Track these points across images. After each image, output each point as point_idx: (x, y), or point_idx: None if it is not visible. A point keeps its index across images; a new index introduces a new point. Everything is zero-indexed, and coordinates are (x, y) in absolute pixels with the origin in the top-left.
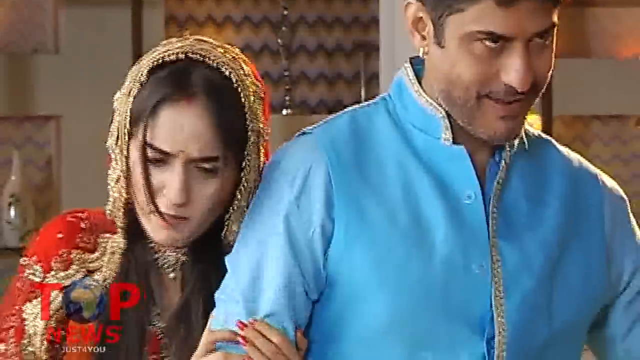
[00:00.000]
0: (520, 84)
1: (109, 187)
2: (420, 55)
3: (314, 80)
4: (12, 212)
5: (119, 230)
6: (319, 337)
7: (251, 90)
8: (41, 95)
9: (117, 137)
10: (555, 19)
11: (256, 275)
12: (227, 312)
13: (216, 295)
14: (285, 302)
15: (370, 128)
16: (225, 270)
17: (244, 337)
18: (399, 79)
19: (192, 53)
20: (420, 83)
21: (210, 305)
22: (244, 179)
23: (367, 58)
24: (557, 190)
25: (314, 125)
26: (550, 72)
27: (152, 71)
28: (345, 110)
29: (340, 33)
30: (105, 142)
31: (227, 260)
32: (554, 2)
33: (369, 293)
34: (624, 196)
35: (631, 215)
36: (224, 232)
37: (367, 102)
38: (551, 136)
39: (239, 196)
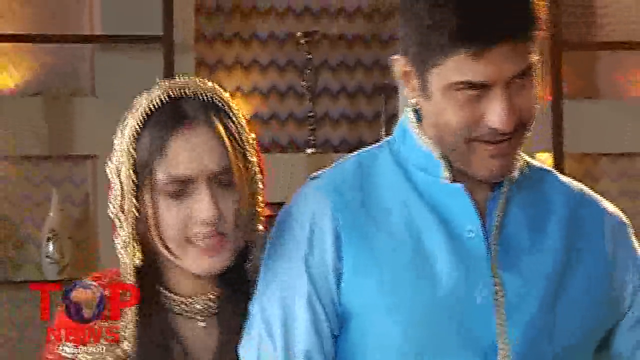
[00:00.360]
0: (503, 125)
1: (118, 255)
2: (412, 104)
3: (337, 120)
4: (51, 247)
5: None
6: None
7: (234, 106)
8: (78, 136)
9: (121, 200)
10: (533, 59)
11: (285, 317)
12: (260, 355)
13: (240, 347)
14: (316, 340)
15: (375, 169)
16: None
17: None
18: (402, 122)
19: (172, 90)
20: (421, 127)
21: None
22: (255, 185)
23: (388, 99)
24: (558, 217)
25: (322, 170)
26: (536, 107)
27: (144, 123)
28: (353, 153)
29: (362, 76)
30: None
31: (251, 305)
32: (525, 45)
33: (379, 321)
34: (625, 220)
35: (633, 237)
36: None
37: (373, 145)
38: (562, 172)
39: (257, 208)
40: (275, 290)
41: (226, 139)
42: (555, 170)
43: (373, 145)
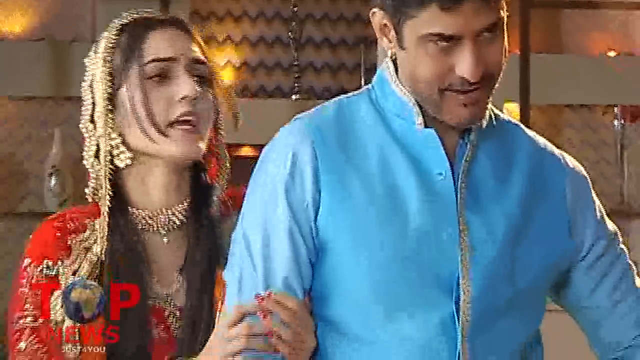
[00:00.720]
0: (471, 75)
1: (87, 166)
2: (389, 56)
3: (320, 69)
4: (53, 181)
5: (104, 201)
6: (314, 298)
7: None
8: (80, 79)
9: (92, 112)
10: (501, 14)
11: (266, 244)
12: (242, 285)
13: (225, 272)
14: (295, 269)
15: (354, 114)
16: (215, 231)
17: (264, 311)
18: (381, 72)
19: (145, 12)
20: (398, 76)
21: (212, 261)
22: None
23: (367, 50)
24: (522, 168)
25: (306, 112)
26: (504, 60)
27: (119, 33)
28: (335, 99)
29: (344, 28)
30: None
31: (233, 237)
32: (494, 1)
33: (351, 256)
34: (586, 175)
35: (592, 192)
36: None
37: (353, 92)
38: (528, 123)
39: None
40: (257, 219)
41: (198, 40)
42: (522, 125)
43: (354, 92)
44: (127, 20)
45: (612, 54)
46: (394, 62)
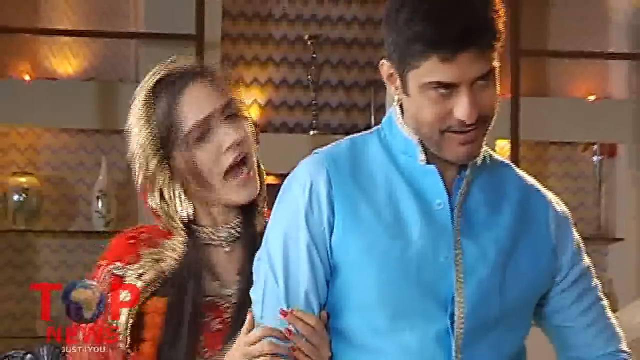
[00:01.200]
0: (468, 118)
1: (157, 208)
2: (396, 101)
3: (335, 108)
4: (100, 204)
5: (178, 230)
6: (327, 311)
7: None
8: (124, 114)
9: (146, 169)
10: (494, 64)
11: (287, 263)
12: (265, 299)
13: (252, 290)
14: (313, 286)
15: (365, 149)
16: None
17: (289, 331)
18: (389, 114)
19: (169, 67)
20: (403, 118)
21: None
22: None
23: (377, 92)
24: (511, 200)
25: (323, 147)
26: (496, 104)
27: (151, 94)
28: (349, 136)
29: (356, 73)
30: None
31: (257, 255)
32: (487, 53)
33: (360, 273)
34: (566, 211)
35: (572, 227)
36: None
37: (364, 132)
38: (518, 157)
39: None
40: (280, 241)
41: (226, 84)
42: (512, 164)
43: (365, 131)
44: (152, 85)
45: (592, 97)
46: (401, 106)
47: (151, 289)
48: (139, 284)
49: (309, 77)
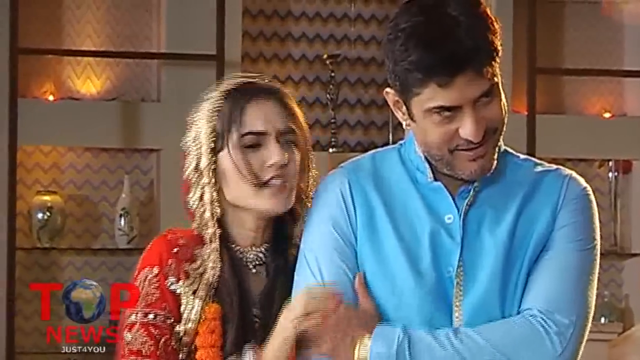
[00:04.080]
0: (474, 137)
1: (193, 207)
2: (404, 127)
3: (354, 126)
4: (122, 222)
5: (212, 238)
6: None
7: (291, 96)
8: (146, 134)
9: (197, 163)
10: (495, 80)
11: (319, 259)
12: (306, 279)
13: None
14: (346, 279)
15: (385, 162)
16: (290, 267)
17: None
18: (410, 134)
19: (248, 78)
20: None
21: (286, 289)
22: (307, 151)
23: None
24: (517, 198)
25: (347, 162)
26: (503, 115)
27: (224, 98)
28: (370, 151)
29: (374, 91)
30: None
31: (299, 255)
32: (484, 72)
33: (373, 283)
34: (583, 188)
35: (584, 203)
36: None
37: (386, 147)
38: None
39: (308, 170)
40: (313, 243)
41: (289, 110)
42: (532, 159)
43: (384, 147)
44: (230, 87)
45: (607, 115)
46: None
47: (206, 300)
48: (197, 303)
49: (328, 95)
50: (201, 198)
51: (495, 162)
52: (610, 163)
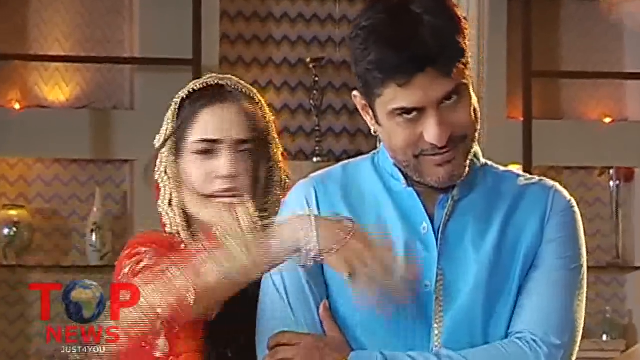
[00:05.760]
0: (437, 141)
1: (162, 213)
2: (372, 132)
3: (339, 134)
4: (94, 237)
5: (185, 241)
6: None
7: (258, 95)
8: (118, 143)
9: (164, 168)
10: (461, 79)
11: (283, 281)
12: (274, 306)
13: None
14: (304, 303)
15: (357, 172)
16: None
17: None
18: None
19: (215, 79)
20: None
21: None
22: (273, 162)
23: None
24: (501, 211)
25: (317, 172)
26: (472, 120)
27: (186, 99)
28: (342, 162)
29: None
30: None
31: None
32: (447, 71)
33: (344, 297)
34: (568, 201)
35: (570, 217)
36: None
37: (359, 157)
38: None
39: (273, 177)
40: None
41: (251, 117)
42: (516, 172)
43: (359, 157)
44: (194, 88)
45: (607, 120)
46: None
47: None
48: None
49: (312, 101)
50: (170, 203)
51: (467, 169)
52: (611, 171)
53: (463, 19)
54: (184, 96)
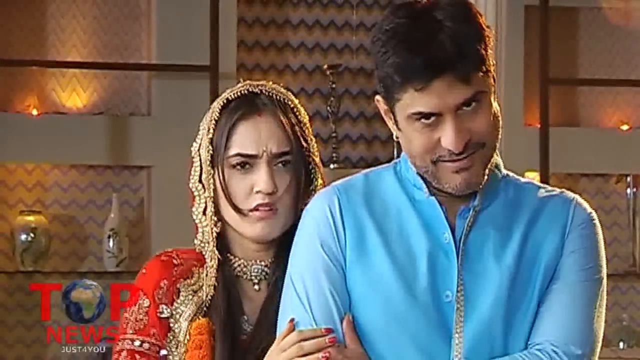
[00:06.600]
0: (454, 147)
1: (196, 221)
2: (394, 137)
3: (356, 140)
4: (111, 243)
5: (211, 253)
6: None
7: (299, 104)
8: (136, 149)
9: (200, 174)
10: (481, 87)
11: (307, 288)
12: (294, 313)
13: (280, 309)
14: (332, 306)
15: (379, 181)
16: None
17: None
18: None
19: (250, 86)
20: None
21: None
22: (312, 167)
23: None
24: (522, 223)
25: (339, 180)
26: (490, 128)
27: (222, 109)
28: (363, 171)
29: None
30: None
31: (287, 274)
32: (467, 77)
33: (365, 307)
34: (589, 214)
35: (591, 229)
36: None
37: (381, 166)
38: None
39: (313, 180)
40: (301, 264)
41: (288, 128)
42: (536, 183)
43: (381, 165)
44: (230, 97)
45: (624, 127)
46: None
47: (194, 318)
48: (184, 324)
49: (328, 108)
50: (204, 212)
51: (485, 178)
52: (629, 178)
53: (487, 27)
54: (220, 106)
